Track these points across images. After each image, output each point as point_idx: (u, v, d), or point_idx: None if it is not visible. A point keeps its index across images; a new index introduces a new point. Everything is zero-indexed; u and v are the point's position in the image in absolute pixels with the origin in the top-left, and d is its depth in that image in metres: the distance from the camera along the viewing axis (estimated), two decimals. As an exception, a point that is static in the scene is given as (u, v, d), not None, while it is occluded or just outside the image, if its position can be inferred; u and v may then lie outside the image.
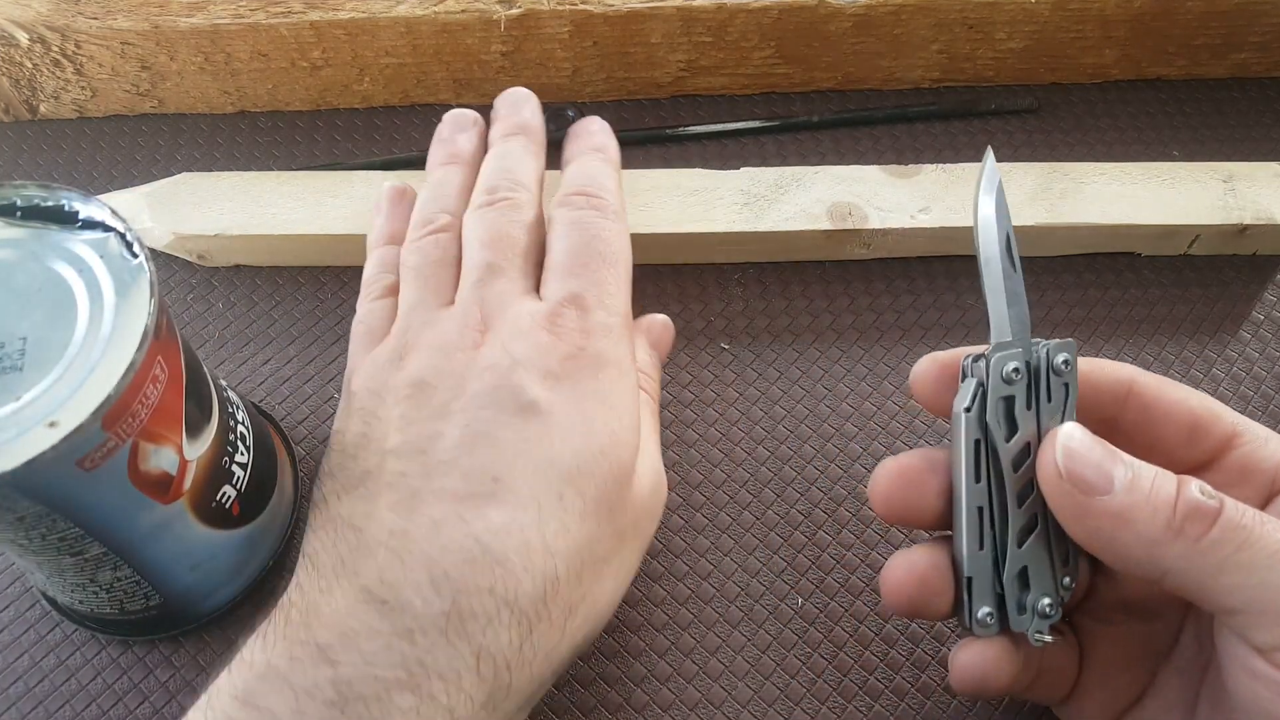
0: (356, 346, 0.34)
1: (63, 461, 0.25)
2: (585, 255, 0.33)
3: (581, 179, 0.35)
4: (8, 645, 0.34)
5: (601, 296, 0.32)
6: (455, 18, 0.44)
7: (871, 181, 0.42)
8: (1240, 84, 0.49)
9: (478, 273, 0.33)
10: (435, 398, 0.29)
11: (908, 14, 0.45)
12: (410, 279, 0.34)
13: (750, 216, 0.41)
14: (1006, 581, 0.28)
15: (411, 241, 0.35)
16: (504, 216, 0.34)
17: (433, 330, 0.31)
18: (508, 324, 0.31)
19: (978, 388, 0.27)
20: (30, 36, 0.44)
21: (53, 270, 0.28)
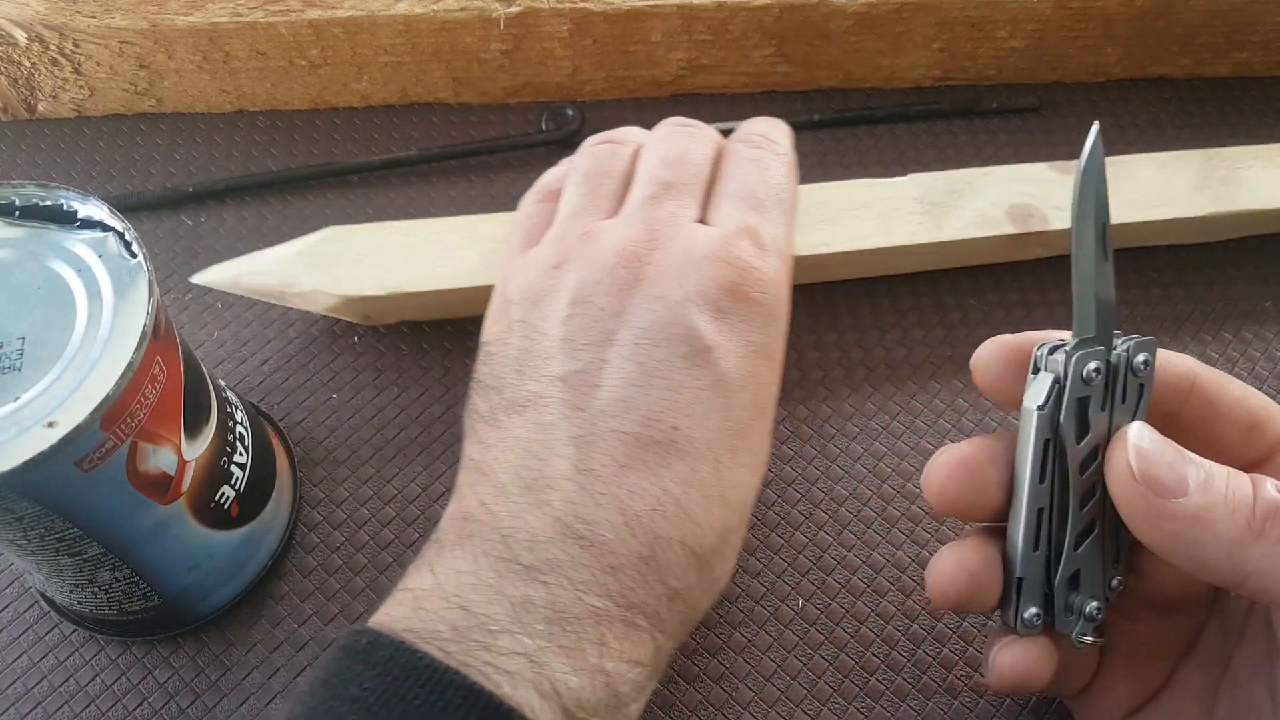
0: (510, 247, 0.33)
1: (61, 462, 0.25)
2: (764, 191, 0.32)
3: (760, 127, 0.34)
4: (6, 645, 0.34)
5: (775, 238, 0.31)
6: (454, 16, 0.44)
7: (1042, 180, 0.40)
8: (1242, 83, 0.49)
9: (651, 188, 0.31)
10: (600, 321, 0.29)
11: (909, 12, 0.45)
12: (575, 182, 0.33)
13: (930, 226, 0.39)
14: (1058, 584, 0.27)
15: (584, 148, 0.34)
16: (691, 139, 0.33)
17: (595, 242, 0.30)
18: (678, 247, 0.30)
19: (1054, 385, 0.26)
20: (28, 35, 0.44)
21: (51, 270, 0.28)
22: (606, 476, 0.27)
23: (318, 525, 0.36)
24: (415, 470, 0.38)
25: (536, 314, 0.30)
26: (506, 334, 0.30)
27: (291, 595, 0.35)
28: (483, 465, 0.28)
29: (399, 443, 0.38)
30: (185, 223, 0.44)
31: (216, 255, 0.43)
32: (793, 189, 0.33)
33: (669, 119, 0.35)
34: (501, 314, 0.31)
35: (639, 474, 0.27)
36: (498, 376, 0.30)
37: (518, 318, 0.30)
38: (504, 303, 0.31)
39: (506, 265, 0.33)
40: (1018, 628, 0.27)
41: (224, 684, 0.33)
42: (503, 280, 0.32)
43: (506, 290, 0.31)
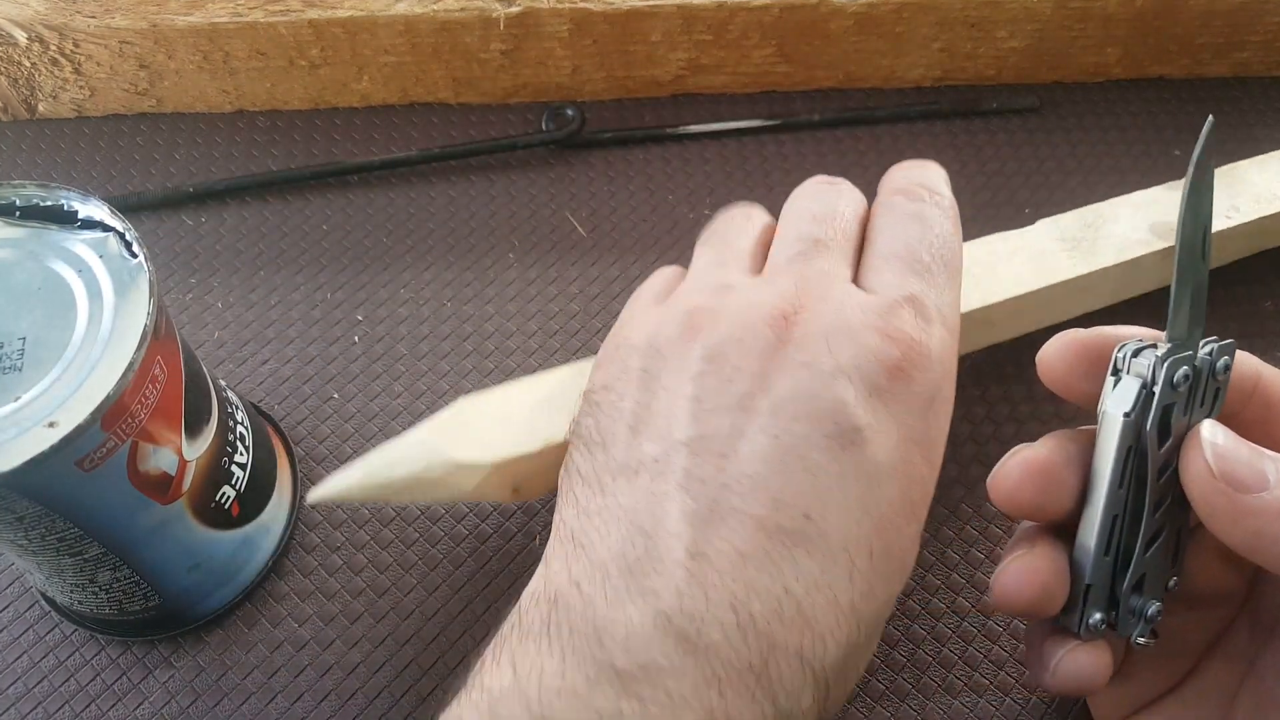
0: (634, 304, 0.30)
1: (62, 462, 0.25)
2: (928, 251, 0.28)
3: (919, 176, 0.30)
4: (6, 645, 0.34)
5: (942, 307, 0.27)
6: (454, 16, 0.44)
7: (1163, 203, 0.38)
8: (1242, 83, 0.49)
9: (799, 244, 0.28)
10: (735, 382, 0.25)
11: (909, 12, 0.45)
12: (711, 241, 0.30)
13: (1084, 258, 0.36)
14: (1126, 589, 0.26)
15: (719, 215, 0.31)
16: (839, 196, 0.30)
17: (736, 296, 0.27)
18: (830, 311, 0.26)
19: (1141, 390, 0.25)
20: (28, 35, 0.44)
21: (52, 270, 0.28)
22: (722, 566, 0.23)
23: (318, 525, 0.36)
24: (415, 470, 0.38)
25: (662, 364, 0.26)
26: (622, 383, 0.27)
27: (291, 595, 0.35)
28: (580, 536, 0.25)
29: (399, 443, 0.38)
30: (185, 223, 0.44)
31: (216, 255, 0.43)
32: (960, 248, 0.29)
33: (814, 178, 0.31)
34: (616, 359, 0.27)
35: (759, 567, 0.23)
36: (606, 432, 0.26)
37: (637, 366, 0.27)
38: (621, 348, 0.28)
39: (628, 311, 0.30)
40: (1081, 633, 0.27)
41: (224, 684, 0.33)
42: (621, 324, 0.29)
43: (626, 334, 0.28)
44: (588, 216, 0.45)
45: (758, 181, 0.46)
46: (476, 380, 0.40)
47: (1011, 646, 0.34)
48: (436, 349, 0.41)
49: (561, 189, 0.46)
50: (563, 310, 0.42)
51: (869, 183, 0.45)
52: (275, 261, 0.43)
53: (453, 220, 0.45)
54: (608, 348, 0.29)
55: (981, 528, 0.36)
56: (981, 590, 0.35)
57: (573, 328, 0.41)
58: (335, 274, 0.43)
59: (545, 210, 0.45)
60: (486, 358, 0.40)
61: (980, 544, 0.36)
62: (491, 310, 0.42)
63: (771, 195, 0.45)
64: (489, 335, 0.41)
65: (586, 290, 0.42)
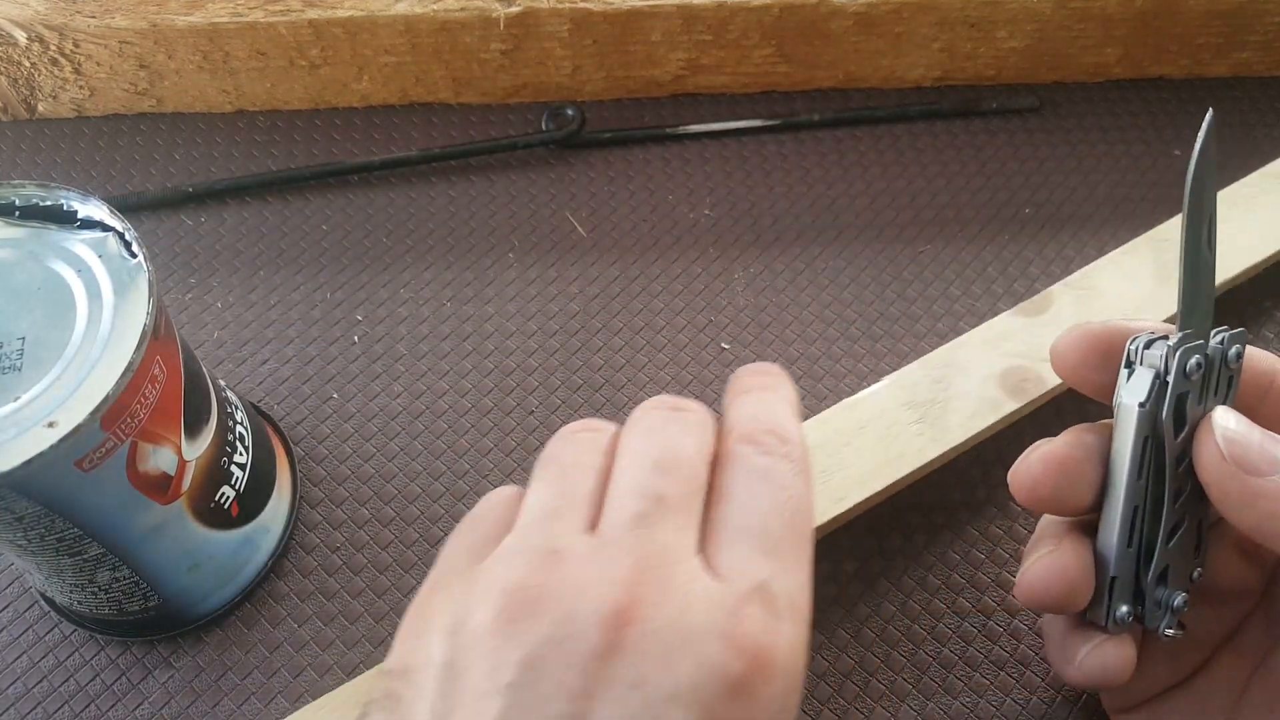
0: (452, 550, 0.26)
1: (61, 462, 0.25)
2: (784, 527, 0.25)
3: (767, 416, 0.27)
4: (6, 645, 0.34)
5: (792, 595, 0.24)
6: (454, 16, 0.44)
7: (1013, 333, 0.36)
8: (1242, 83, 0.49)
9: (640, 503, 0.24)
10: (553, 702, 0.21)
11: (909, 12, 0.45)
12: (547, 475, 0.26)
13: (934, 435, 0.33)
14: (1151, 580, 0.26)
15: (559, 434, 0.27)
16: (684, 431, 0.26)
17: (564, 573, 0.23)
18: (672, 607, 0.22)
19: (1155, 380, 0.25)
20: (28, 35, 0.44)
21: (51, 270, 0.28)
22: None
23: (318, 525, 0.36)
24: (416, 470, 0.38)
25: (469, 662, 0.22)
26: (421, 675, 0.23)
27: (291, 595, 0.35)
28: None
29: (399, 442, 0.38)
30: (185, 223, 0.44)
31: (216, 255, 0.43)
32: (811, 508, 0.26)
33: (655, 399, 0.27)
34: (419, 639, 0.24)
35: None
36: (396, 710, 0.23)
37: (440, 658, 0.23)
38: (425, 622, 0.24)
39: (441, 564, 0.26)
40: (1109, 626, 0.27)
41: (224, 684, 0.33)
42: (430, 587, 0.25)
43: (433, 605, 0.24)
44: (588, 216, 0.45)
45: (758, 181, 0.46)
46: (476, 380, 0.40)
47: (1012, 647, 0.34)
48: (436, 349, 0.41)
49: (561, 189, 0.46)
50: (563, 310, 0.42)
51: (869, 182, 0.45)
52: (275, 261, 0.43)
53: (453, 220, 0.45)
54: (413, 614, 0.25)
55: (982, 528, 0.36)
56: (982, 590, 0.35)
57: (573, 328, 0.41)
58: (335, 274, 0.43)
59: (545, 210, 0.45)
60: (486, 358, 0.40)
61: (980, 544, 0.36)
62: (491, 310, 0.42)
63: (771, 195, 0.45)
64: (489, 335, 0.41)
65: (586, 290, 0.42)
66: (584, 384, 0.40)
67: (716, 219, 0.45)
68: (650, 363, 0.40)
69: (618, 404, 0.39)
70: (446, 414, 0.39)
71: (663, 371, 0.40)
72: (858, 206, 0.45)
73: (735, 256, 0.43)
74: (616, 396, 0.39)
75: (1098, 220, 0.40)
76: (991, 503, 0.37)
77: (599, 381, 0.40)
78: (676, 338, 0.41)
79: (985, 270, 0.43)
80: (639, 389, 0.40)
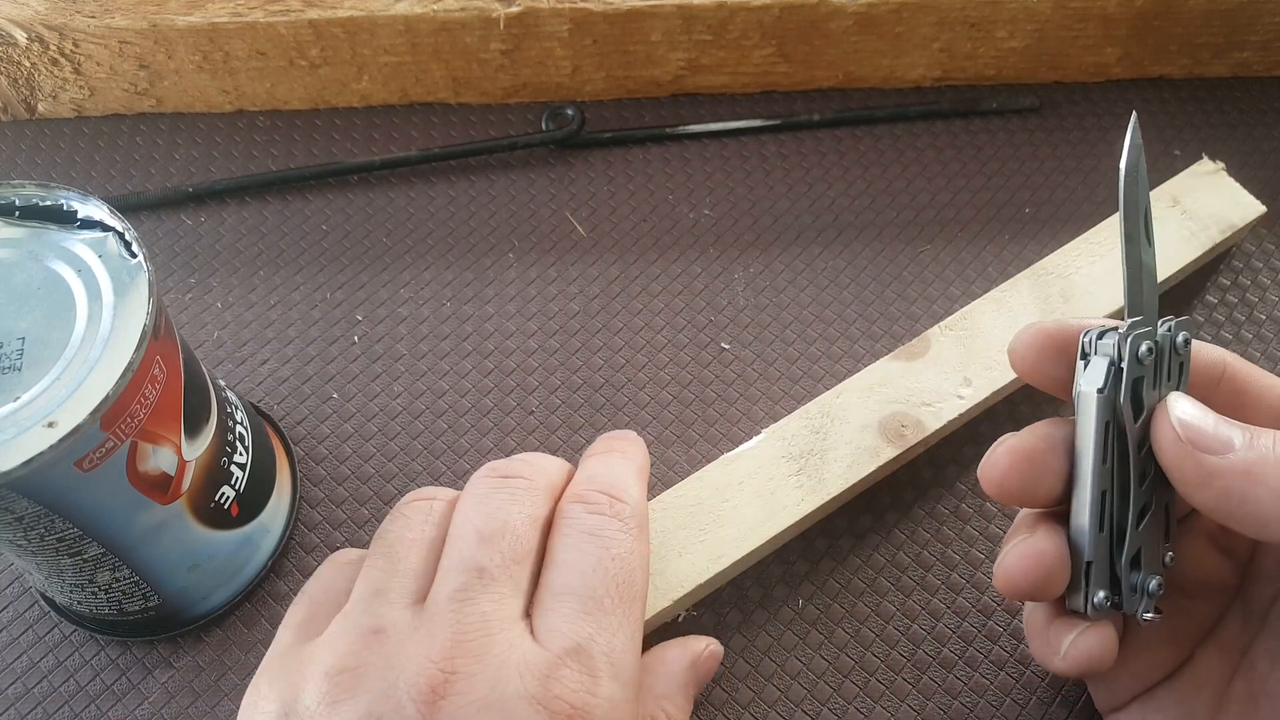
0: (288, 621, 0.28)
1: (61, 462, 0.25)
2: (603, 585, 0.26)
3: (604, 476, 0.28)
4: (6, 645, 0.34)
5: (613, 653, 0.25)
6: (454, 16, 0.44)
7: (891, 379, 0.36)
8: (1242, 83, 0.49)
9: (462, 576, 0.25)
10: None
11: (909, 12, 0.45)
12: (378, 553, 0.27)
13: (813, 486, 0.33)
14: (1125, 564, 0.27)
15: (396, 507, 0.29)
16: (511, 499, 0.27)
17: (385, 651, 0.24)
18: (486, 680, 0.23)
19: (1109, 367, 0.26)
20: (28, 35, 0.44)
21: (51, 270, 0.28)
22: None
23: (318, 525, 0.36)
24: (415, 470, 0.38)
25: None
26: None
27: (291, 595, 0.35)
28: None
29: (399, 442, 0.38)
30: (185, 223, 0.44)
31: (216, 255, 0.43)
32: (642, 568, 0.27)
33: (488, 465, 0.29)
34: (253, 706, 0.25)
35: None
36: None
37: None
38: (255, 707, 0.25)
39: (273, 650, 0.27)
40: (1088, 612, 0.27)
41: (224, 684, 0.33)
42: (262, 669, 0.26)
43: (260, 689, 0.25)
44: (588, 216, 0.45)
45: (758, 181, 0.46)
46: (476, 380, 0.40)
47: (1012, 647, 0.34)
48: (436, 349, 0.41)
49: (561, 189, 0.46)
50: (563, 310, 0.42)
51: (869, 182, 0.45)
52: (275, 261, 0.43)
53: (453, 220, 0.45)
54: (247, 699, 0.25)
55: (982, 528, 0.36)
56: (982, 590, 0.35)
57: (573, 328, 0.41)
58: (335, 274, 0.43)
59: (545, 210, 0.45)
60: (486, 358, 0.40)
61: (980, 544, 0.36)
62: (491, 310, 0.42)
63: (771, 195, 0.45)
64: (489, 335, 0.41)
65: (586, 290, 0.42)
66: (584, 384, 0.40)
67: (716, 219, 0.45)
68: (650, 363, 0.40)
69: (618, 404, 0.39)
70: (446, 414, 0.39)
71: (663, 371, 0.40)
72: (858, 206, 0.45)
73: (735, 256, 0.43)
74: (616, 396, 0.39)
75: (1097, 220, 0.40)
76: (992, 503, 0.37)
77: (599, 381, 0.40)
78: (676, 338, 0.41)
79: (985, 270, 0.43)
80: (639, 389, 0.40)
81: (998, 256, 0.43)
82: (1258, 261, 0.43)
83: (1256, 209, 0.41)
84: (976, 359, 0.36)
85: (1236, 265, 0.43)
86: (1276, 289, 0.42)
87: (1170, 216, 0.40)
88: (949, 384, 0.36)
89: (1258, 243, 0.43)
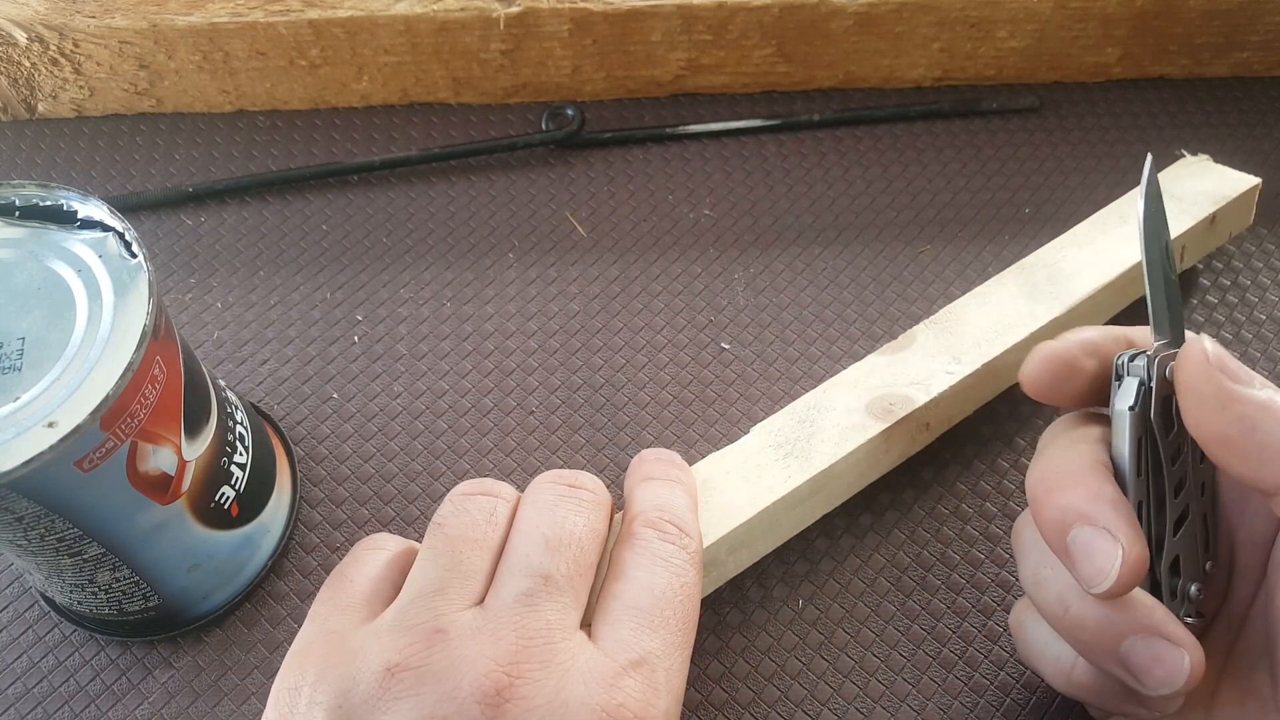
0: (325, 598, 0.27)
1: (61, 462, 0.25)
2: (670, 607, 0.26)
3: (672, 508, 0.28)
4: (6, 645, 0.34)
5: (671, 671, 0.25)
6: (454, 16, 0.44)
7: (877, 370, 0.35)
8: (1242, 83, 0.49)
9: (527, 581, 0.25)
10: None
11: (909, 12, 0.45)
12: (436, 546, 0.27)
13: (802, 465, 0.33)
14: (1164, 569, 0.28)
15: (453, 497, 0.28)
16: (577, 509, 0.27)
17: (448, 652, 0.24)
18: (551, 684, 0.23)
19: (1140, 387, 0.27)
20: (28, 35, 0.44)
21: (51, 270, 0.28)
22: None
23: (318, 525, 0.36)
24: (415, 470, 0.38)
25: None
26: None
27: (291, 595, 0.35)
28: None
29: (399, 442, 0.38)
30: (185, 223, 0.44)
31: (216, 255, 0.43)
32: (698, 600, 0.27)
33: (553, 473, 0.29)
34: (297, 706, 0.24)
35: None
36: None
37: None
38: (301, 689, 0.24)
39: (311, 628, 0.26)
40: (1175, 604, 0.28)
41: (224, 684, 0.33)
42: (303, 648, 0.25)
43: (306, 670, 0.24)
44: (588, 216, 0.45)
45: (758, 181, 0.46)
46: (476, 380, 0.40)
47: (1012, 647, 0.34)
48: (436, 349, 0.41)
49: (561, 189, 0.46)
50: (563, 310, 0.42)
51: (869, 182, 0.45)
52: (275, 261, 0.43)
53: (453, 220, 0.45)
54: (286, 676, 0.25)
55: (982, 528, 0.36)
56: (983, 590, 0.35)
57: (573, 328, 0.41)
58: (335, 274, 0.43)
59: (545, 210, 0.45)
60: (486, 358, 0.40)
61: (981, 544, 0.36)
62: (491, 310, 0.42)
63: (771, 195, 0.45)
64: (489, 335, 0.41)
65: (586, 290, 0.42)
66: (584, 384, 0.40)
67: (716, 219, 0.45)
68: (650, 363, 0.40)
69: (618, 404, 0.39)
70: (446, 414, 0.39)
71: (663, 371, 0.40)
72: (858, 206, 0.45)
73: (735, 256, 0.43)
74: (616, 396, 0.39)
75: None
76: (992, 503, 0.37)
77: (599, 381, 0.40)
78: (676, 338, 0.41)
79: (985, 270, 0.43)
80: (639, 389, 0.40)
81: (998, 256, 0.43)
82: (1258, 261, 0.43)
83: (1248, 181, 0.41)
84: (964, 342, 0.36)
85: (1236, 265, 0.43)
86: (1276, 289, 0.42)
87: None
88: (938, 364, 0.36)
89: (1258, 243, 0.43)
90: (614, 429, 0.39)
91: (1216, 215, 0.40)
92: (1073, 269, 0.38)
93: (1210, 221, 0.40)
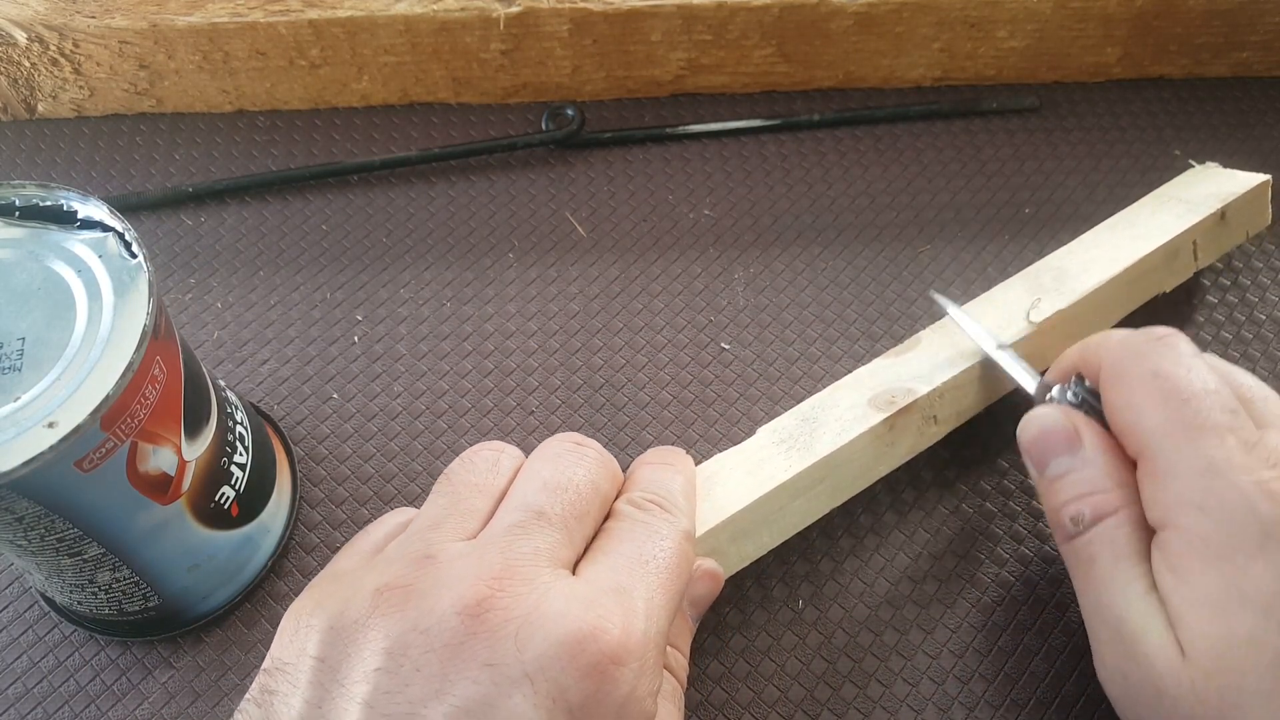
0: (346, 550, 0.29)
1: (61, 462, 0.25)
2: (651, 554, 0.27)
3: (656, 485, 0.30)
4: (6, 645, 0.34)
5: (651, 604, 0.26)
6: (454, 16, 0.44)
7: (881, 371, 0.36)
8: (1242, 83, 0.49)
9: (521, 514, 0.27)
10: (412, 685, 0.23)
11: (909, 12, 0.45)
12: (441, 490, 0.28)
13: (804, 454, 0.33)
14: None
15: (465, 453, 0.30)
16: (580, 463, 0.28)
17: (436, 571, 0.25)
18: (531, 597, 0.24)
19: None
20: (28, 35, 0.44)
21: (51, 270, 0.28)
22: None
23: (318, 525, 0.36)
24: (415, 470, 0.38)
25: (340, 655, 0.24)
26: (295, 670, 0.25)
27: (291, 595, 0.35)
28: None
29: (399, 442, 0.38)
30: (185, 223, 0.44)
31: (216, 255, 0.43)
32: (686, 558, 0.28)
33: (560, 435, 0.30)
34: (296, 635, 0.25)
35: None
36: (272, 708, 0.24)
37: (314, 653, 0.24)
38: (299, 621, 0.26)
39: (327, 571, 0.28)
40: None
41: (224, 684, 0.33)
42: (307, 589, 0.27)
43: (304, 605, 0.26)
44: (588, 216, 0.45)
45: (758, 181, 0.46)
46: (476, 380, 0.40)
47: (1012, 648, 0.34)
48: (436, 349, 0.41)
49: (561, 189, 0.46)
50: (563, 310, 0.42)
51: (869, 182, 0.46)
52: (275, 261, 0.43)
53: (453, 220, 0.45)
54: (289, 616, 0.26)
55: (982, 527, 0.36)
56: (983, 590, 0.35)
57: (573, 328, 0.41)
58: (335, 274, 0.43)
59: (545, 210, 0.45)
60: (486, 358, 0.40)
61: (981, 543, 0.36)
62: (491, 310, 0.42)
63: (771, 195, 0.45)
64: (489, 335, 0.41)
65: (586, 290, 0.42)
66: (584, 384, 0.40)
67: (716, 219, 0.45)
68: (650, 363, 0.40)
69: (618, 404, 0.39)
70: (446, 414, 0.39)
71: (663, 371, 0.40)
72: (858, 206, 0.45)
73: (735, 256, 0.43)
74: (616, 396, 0.39)
75: (1097, 220, 0.40)
76: (992, 503, 0.37)
77: (599, 381, 0.40)
78: (676, 338, 0.41)
79: (985, 270, 0.43)
80: (639, 389, 0.40)
81: (998, 256, 0.43)
82: (1258, 261, 0.43)
83: (1256, 178, 0.40)
84: (970, 344, 0.36)
85: (1237, 265, 0.43)
86: (1276, 289, 0.42)
87: (1167, 208, 0.40)
88: (942, 360, 0.36)
89: (1258, 243, 0.43)
90: (614, 429, 0.39)
91: (1226, 210, 0.40)
92: (1078, 269, 0.38)
93: (1220, 216, 0.39)
